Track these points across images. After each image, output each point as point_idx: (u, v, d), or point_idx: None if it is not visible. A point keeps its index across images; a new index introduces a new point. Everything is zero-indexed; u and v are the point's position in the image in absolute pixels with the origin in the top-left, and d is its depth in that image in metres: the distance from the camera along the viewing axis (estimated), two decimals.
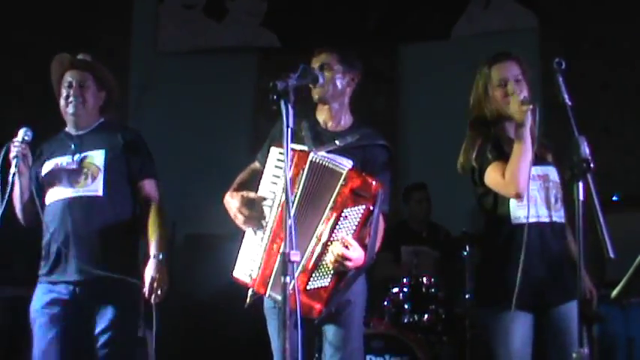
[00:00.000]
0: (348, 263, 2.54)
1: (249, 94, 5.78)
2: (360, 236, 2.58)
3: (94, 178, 3.07)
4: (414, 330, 4.21)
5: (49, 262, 3.04)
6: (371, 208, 2.56)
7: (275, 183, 2.67)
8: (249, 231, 2.71)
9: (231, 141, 5.56)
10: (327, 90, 2.85)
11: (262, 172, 2.73)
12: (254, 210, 2.67)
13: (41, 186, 3.11)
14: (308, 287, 2.58)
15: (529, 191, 2.63)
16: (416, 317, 4.27)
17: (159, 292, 2.96)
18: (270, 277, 2.61)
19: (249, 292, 2.73)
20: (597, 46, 5.35)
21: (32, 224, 3.14)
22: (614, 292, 2.44)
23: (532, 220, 2.68)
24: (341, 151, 2.77)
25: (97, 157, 3.10)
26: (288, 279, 2.13)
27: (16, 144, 3.00)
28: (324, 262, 2.58)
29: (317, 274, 2.58)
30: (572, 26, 5.39)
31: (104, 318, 2.99)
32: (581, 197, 2.30)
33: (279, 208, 2.60)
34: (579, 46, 5.35)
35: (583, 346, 2.15)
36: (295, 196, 2.59)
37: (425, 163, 5.35)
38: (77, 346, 3.00)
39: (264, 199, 2.67)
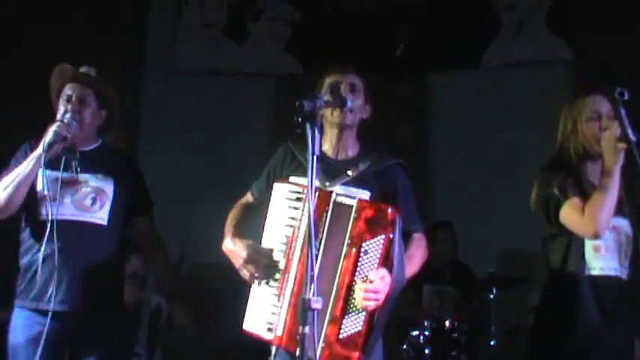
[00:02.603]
0: (379, 296, 2.28)
1: (265, 119, 5.56)
2: (385, 268, 2.33)
3: (102, 206, 2.84)
4: None
5: (34, 287, 2.75)
6: (390, 236, 2.31)
7: (291, 226, 2.43)
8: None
9: (245, 167, 5.29)
10: (351, 116, 2.62)
11: (263, 208, 2.52)
12: (263, 261, 2.44)
13: (32, 195, 2.79)
14: (341, 336, 2.32)
15: (605, 241, 2.48)
16: None
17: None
18: None
19: (273, 350, 2.48)
20: (635, 81, 5.10)
21: (5, 215, 2.77)
22: None
23: (610, 272, 2.50)
24: (355, 182, 2.55)
25: (106, 185, 2.88)
26: (307, 329, 1.89)
27: (60, 124, 2.74)
28: (352, 305, 2.32)
29: (348, 320, 2.32)
30: (608, 59, 5.14)
31: (94, 353, 2.77)
32: None
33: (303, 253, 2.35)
34: (615, 81, 5.09)
35: None
36: (320, 242, 2.34)
37: (453, 198, 5.11)
38: None
39: (272, 251, 2.44)
